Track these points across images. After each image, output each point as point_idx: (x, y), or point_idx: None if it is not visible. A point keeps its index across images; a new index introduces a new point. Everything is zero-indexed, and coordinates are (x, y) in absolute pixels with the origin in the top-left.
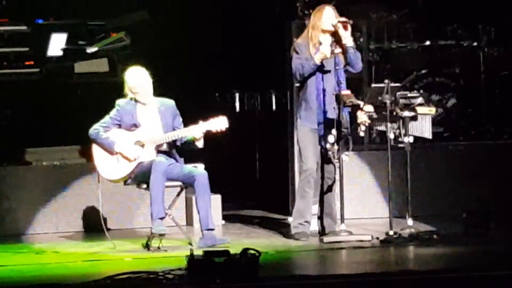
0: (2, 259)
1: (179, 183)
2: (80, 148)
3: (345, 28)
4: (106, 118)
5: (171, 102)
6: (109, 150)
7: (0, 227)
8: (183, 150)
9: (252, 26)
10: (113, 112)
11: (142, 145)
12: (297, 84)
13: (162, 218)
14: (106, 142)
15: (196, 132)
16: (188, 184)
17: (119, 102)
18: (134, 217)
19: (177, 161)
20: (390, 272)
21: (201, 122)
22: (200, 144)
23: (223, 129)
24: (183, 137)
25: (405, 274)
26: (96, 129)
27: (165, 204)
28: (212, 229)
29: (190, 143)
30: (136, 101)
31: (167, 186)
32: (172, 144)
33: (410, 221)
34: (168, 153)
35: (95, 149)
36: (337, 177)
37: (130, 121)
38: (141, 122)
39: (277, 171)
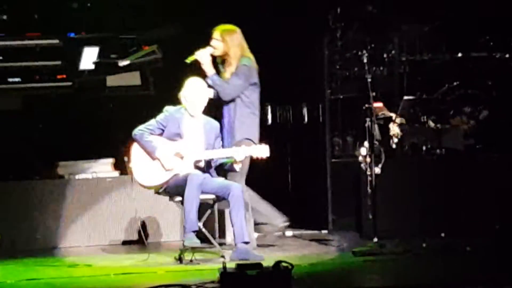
0: (35, 272)
1: (212, 197)
2: (112, 161)
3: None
4: (152, 121)
5: (216, 124)
6: (150, 154)
7: (33, 240)
8: (218, 171)
9: (284, 39)
10: (160, 117)
11: (181, 157)
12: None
13: (195, 231)
14: (149, 145)
15: (238, 154)
16: (222, 198)
17: (168, 108)
18: (167, 230)
19: (211, 174)
20: (423, 284)
21: (243, 146)
22: (237, 167)
23: (264, 157)
24: (219, 159)
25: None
26: (141, 130)
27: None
28: (247, 242)
29: (228, 165)
30: (185, 111)
31: (200, 199)
32: (209, 162)
33: (442, 234)
34: (203, 170)
35: (134, 152)
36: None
37: (175, 130)
38: (185, 133)
39: (309, 184)
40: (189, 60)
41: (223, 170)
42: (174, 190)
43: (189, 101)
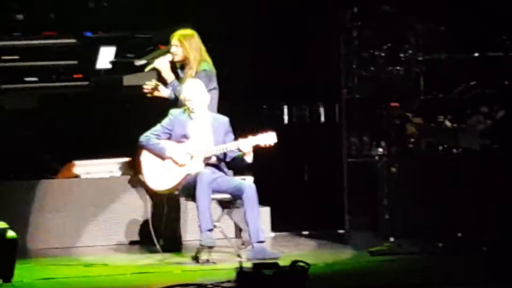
0: (51, 271)
1: (228, 196)
2: (128, 160)
3: None
4: (157, 126)
5: (225, 119)
6: (160, 156)
7: (49, 239)
8: (233, 166)
9: (300, 38)
10: (165, 121)
11: (191, 157)
12: None
13: (210, 230)
14: (157, 148)
15: (244, 146)
16: (236, 197)
17: (172, 111)
18: (183, 229)
19: (225, 174)
20: (440, 284)
21: (250, 137)
22: (249, 159)
23: (272, 144)
24: (231, 153)
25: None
26: (146, 136)
27: (213, 217)
28: (262, 242)
29: (239, 159)
30: (189, 112)
31: (215, 199)
32: (221, 158)
33: (459, 234)
34: (216, 166)
35: (144, 159)
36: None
37: (181, 132)
38: (191, 134)
39: (326, 184)
40: (147, 68)
41: (236, 165)
42: (187, 190)
43: (190, 102)
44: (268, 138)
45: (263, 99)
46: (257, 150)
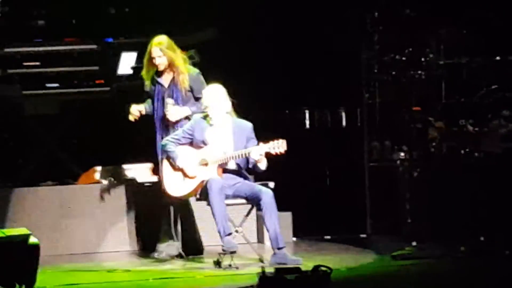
0: (73, 277)
1: (243, 201)
2: (151, 166)
3: None
4: (179, 131)
5: (247, 125)
6: (173, 164)
7: (71, 245)
8: (252, 172)
9: (321, 43)
10: (187, 126)
11: (206, 164)
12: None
13: (229, 234)
14: (171, 156)
15: (255, 153)
16: (254, 202)
17: (195, 116)
18: (205, 234)
19: (246, 179)
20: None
21: (261, 144)
22: (262, 166)
23: (282, 152)
24: (252, 159)
25: None
26: (166, 140)
27: (235, 222)
28: (282, 248)
29: (254, 165)
30: (209, 117)
31: (235, 204)
32: (241, 164)
33: (481, 237)
34: (236, 172)
35: (164, 165)
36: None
37: (200, 137)
38: (210, 140)
39: (347, 188)
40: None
41: (253, 170)
42: (204, 196)
43: (209, 109)
44: (278, 146)
45: (284, 104)
46: (274, 156)
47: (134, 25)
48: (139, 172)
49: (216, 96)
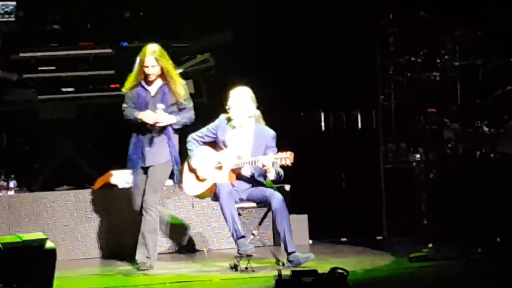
0: (90, 282)
1: (254, 205)
2: None
3: None
4: (204, 129)
5: (269, 132)
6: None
7: (88, 249)
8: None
9: (336, 45)
10: (211, 124)
11: (220, 167)
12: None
13: (243, 237)
14: (189, 154)
15: (262, 162)
16: (266, 207)
17: (222, 116)
18: (222, 237)
19: (260, 184)
20: None
21: (271, 153)
22: (270, 176)
23: (289, 164)
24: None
25: None
26: (191, 136)
27: (251, 226)
28: (291, 252)
29: (263, 174)
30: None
31: (251, 208)
32: (255, 171)
33: (498, 239)
34: (250, 177)
35: (185, 164)
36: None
37: (222, 138)
38: (229, 142)
39: (363, 190)
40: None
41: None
42: (216, 198)
43: (232, 110)
44: (284, 158)
45: (300, 107)
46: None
47: (149, 29)
48: None
49: (240, 98)
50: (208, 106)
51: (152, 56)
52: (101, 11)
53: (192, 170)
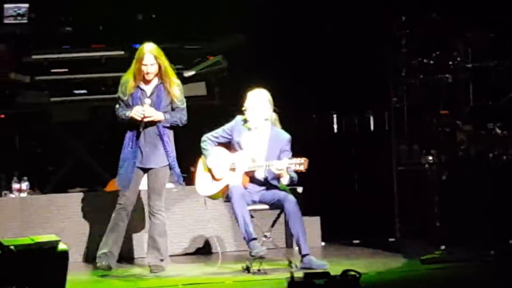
0: (103, 284)
1: (266, 207)
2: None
3: None
4: (219, 129)
5: (285, 136)
6: (205, 164)
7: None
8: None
9: (348, 47)
10: (227, 125)
11: (234, 169)
12: None
13: (255, 239)
14: (204, 153)
15: (276, 167)
16: (279, 209)
17: (238, 117)
18: (234, 239)
19: (274, 186)
20: None
21: (284, 159)
22: (284, 180)
23: (302, 170)
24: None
25: None
26: (206, 136)
27: (264, 228)
28: (305, 255)
29: (277, 178)
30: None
31: (263, 210)
32: (269, 174)
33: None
34: (264, 180)
35: (199, 163)
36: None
37: (237, 140)
38: (244, 144)
39: (376, 192)
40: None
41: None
42: (229, 200)
43: (249, 111)
44: (299, 164)
45: (312, 109)
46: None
47: (160, 31)
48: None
49: (257, 100)
50: (221, 108)
51: (151, 54)
52: (113, 13)
53: (207, 170)
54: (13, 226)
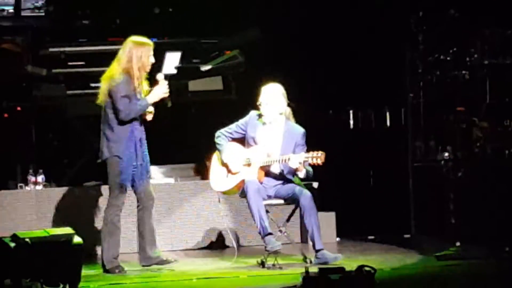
0: (117, 277)
1: (281, 202)
2: (194, 166)
3: None
4: (233, 125)
5: (299, 130)
6: (220, 159)
7: None
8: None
9: (366, 43)
10: (241, 121)
11: (249, 164)
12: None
13: (270, 234)
14: (219, 149)
15: (293, 161)
16: (295, 204)
17: (252, 112)
18: (249, 234)
19: (290, 181)
20: None
21: (302, 153)
22: (300, 174)
23: (320, 163)
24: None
25: None
26: (220, 132)
27: (279, 222)
28: (319, 250)
29: (293, 172)
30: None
31: (279, 205)
32: (285, 168)
33: None
34: (279, 175)
35: (214, 158)
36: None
37: (252, 135)
38: (260, 140)
39: (392, 188)
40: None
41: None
42: (244, 195)
43: (264, 107)
44: (316, 158)
45: (329, 105)
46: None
47: (178, 25)
48: (182, 172)
49: (272, 95)
50: (237, 103)
51: (152, 47)
52: (131, 7)
53: (222, 165)
54: (28, 219)
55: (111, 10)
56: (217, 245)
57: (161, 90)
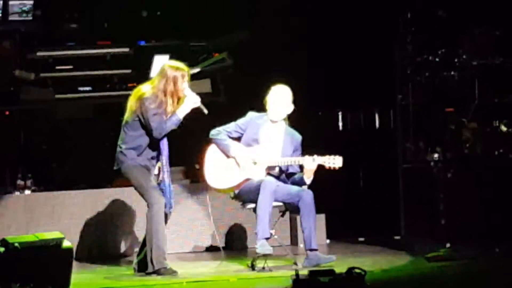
0: (107, 281)
1: (280, 204)
2: (184, 169)
3: None
4: (231, 124)
5: (298, 136)
6: (225, 153)
7: (106, 248)
8: (291, 182)
9: (354, 44)
10: (240, 121)
11: (254, 163)
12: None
13: (267, 239)
14: (223, 144)
15: (308, 163)
16: (292, 207)
17: (252, 113)
18: (240, 237)
19: (284, 182)
20: None
21: (315, 156)
22: (308, 180)
23: (336, 167)
24: (292, 169)
25: None
26: (218, 130)
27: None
28: (314, 249)
29: (298, 178)
30: (267, 117)
31: (275, 207)
32: (283, 170)
33: None
34: (277, 177)
35: (208, 155)
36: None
37: (253, 135)
38: (262, 140)
39: (381, 190)
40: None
41: (294, 182)
42: (246, 196)
43: (271, 106)
44: (334, 161)
45: (318, 106)
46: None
47: (166, 28)
48: (173, 174)
49: (282, 96)
50: (226, 105)
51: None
52: (119, 10)
53: (223, 161)
54: (17, 223)
55: (99, 14)
56: (207, 248)
57: (191, 101)
